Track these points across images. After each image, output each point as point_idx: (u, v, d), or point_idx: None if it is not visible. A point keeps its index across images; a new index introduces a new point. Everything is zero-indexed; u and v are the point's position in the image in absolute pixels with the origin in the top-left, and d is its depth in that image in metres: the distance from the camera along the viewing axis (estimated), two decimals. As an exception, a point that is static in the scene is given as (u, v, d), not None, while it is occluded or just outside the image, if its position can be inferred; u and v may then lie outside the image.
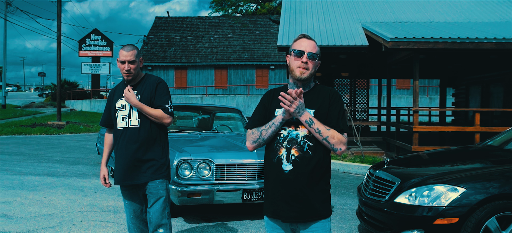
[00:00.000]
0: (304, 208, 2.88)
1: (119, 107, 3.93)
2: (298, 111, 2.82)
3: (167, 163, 3.97)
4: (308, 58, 2.90)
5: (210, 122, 8.78)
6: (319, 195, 2.92)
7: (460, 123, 16.76)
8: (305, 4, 16.55)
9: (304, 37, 2.97)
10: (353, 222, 6.31)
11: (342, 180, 9.77)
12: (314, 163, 2.87)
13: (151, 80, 3.94)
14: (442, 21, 14.88)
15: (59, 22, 24.75)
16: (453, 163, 5.63)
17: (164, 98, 3.89)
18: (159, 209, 3.82)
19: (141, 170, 3.83)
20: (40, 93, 74.26)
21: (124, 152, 3.85)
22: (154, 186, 3.84)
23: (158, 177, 3.85)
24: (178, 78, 40.30)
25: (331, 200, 3.07)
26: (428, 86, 35.87)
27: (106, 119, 4.08)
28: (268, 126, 2.91)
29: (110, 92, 4.14)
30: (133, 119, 3.86)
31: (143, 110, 3.81)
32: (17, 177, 9.25)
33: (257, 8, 44.97)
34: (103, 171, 4.09)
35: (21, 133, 19.66)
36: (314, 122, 2.82)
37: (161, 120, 3.85)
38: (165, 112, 3.85)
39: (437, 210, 4.45)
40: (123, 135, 3.87)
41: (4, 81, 42.38)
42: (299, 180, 2.85)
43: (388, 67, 14.93)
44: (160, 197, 3.83)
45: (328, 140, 2.83)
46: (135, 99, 3.82)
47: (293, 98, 2.80)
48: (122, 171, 3.87)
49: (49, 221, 6.05)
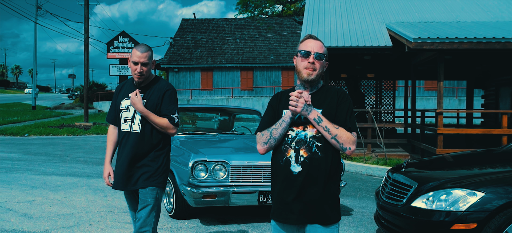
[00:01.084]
0: (312, 211, 2.81)
1: (123, 108, 3.82)
2: (305, 109, 2.77)
3: (163, 170, 3.83)
4: (315, 58, 2.85)
5: (230, 123, 8.75)
6: (328, 198, 2.85)
7: (489, 125, 16.33)
8: (329, 4, 16.40)
9: (311, 37, 2.94)
10: (372, 226, 6.19)
11: (364, 182, 9.62)
12: (324, 163, 2.80)
13: (160, 85, 3.80)
14: (468, 21, 14.54)
15: (86, 25, 25.14)
16: (474, 166, 5.45)
17: (170, 107, 3.76)
18: (144, 216, 3.70)
19: (135, 177, 3.74)
20: (70, 95, 75.70)
21: (122, 157, 3.78)
22: (144, 193, 3.72)
23: (149, 185, 3.72)
24: (204, 80, 40.52)
25: (351, 202, 3.00)
26: (458, 87, 35.15)
27: (113, 117, 3.95)
28: (278, 124, 2.85)
29: (117, 88, 4.01)
30: (135, 124, 3.75)
31: (148, 118, 3.69)
32: (40, 177, 9.40)
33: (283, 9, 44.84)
34: (108, 169, 3.96)
35: (49, 134, 20.04)
36: (322, 119, 2.77)
37: (166, 130, 3.75)
38: (171, 122, 3.73)
39: (455, 215, 4.30)
40: (124, 139, 3.78)
41: (34, 83, 43.31)
42: (308, 181, 2.79)
43: (413, 68, 14.66)
44: (147, 205, 3.71)
45: (337, 138, 2.77)
46: (142, 106, 3.68)
47: (297, 97, 2.77)
48: (118, 176, 3.80)
49: (67, 221, 6.11)
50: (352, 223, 6.32)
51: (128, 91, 3.83)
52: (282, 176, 2.86)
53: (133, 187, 3.76)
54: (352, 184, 9.27)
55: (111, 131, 3.99)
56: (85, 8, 25.27)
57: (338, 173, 2.92)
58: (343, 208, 7.08)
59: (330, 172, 2.83)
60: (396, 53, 13.31)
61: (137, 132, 3.73)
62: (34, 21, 40.21)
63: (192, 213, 6.41)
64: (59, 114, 34.73)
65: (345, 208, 7.09)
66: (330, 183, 2.85)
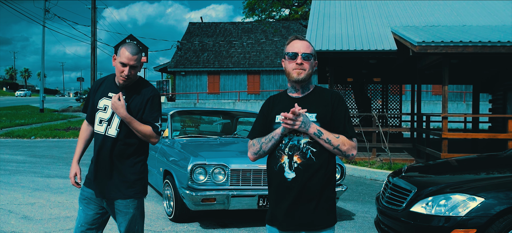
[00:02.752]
0: (307, 217, 2.77)
1: (100, 108, 3.47)
2: (304, 126, 2.71)
3: (142, 179, 3.52)
4: (303, 59, 2.82)
5: (233, 127, 8.73)
6: (323, 204, 2.80)
7: (497, 129, 16.16)
8: (334, 8, 16.35)
9: (296, 38, 2.90)
10: (373, 231, 6.13)
11: (368, 187, 9.55)
12: (319, 170, 2.76)
13: (144, 90, 3.46)
14: (475, 24, 14.44)
15: (93, 28, 25.28)
16: (475, 171, 5.38)
17: (154, 115, 3.44)
18: (131, 227, 3.46)
19: (114, 184, 3.42)
20: (78, 98, 76.05)
21: (97, 162, 3.46)
22: (125, 204, 3.43)
23: (130, 196, 3.43)
24: (211, 84, 40.58)
25: (353, 207, 2.96)
26: (465, 92, 34.96)
27: (89, 114, 3.59)
28: (268, 139, 2.82)
29: (95, 83, 3.63)
30: (112, 127, 3.41)
31: (131, 125, 3.36)
32: (44, 179, 9.42)
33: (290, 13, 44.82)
34: (75, 169, 3.60)
35: (55, 136, 20.11)
36: (322, 132, 2.72)
37: (148, 139, 3.43)
38: (154, 130, 3.42)
39: (454, 220, 4.24)
40: (98, 141, 3.45)
41: (42, 86, 43.55)
42: (302, 188, 2.75)
43: (419, 72, 14.57)
44: (130, 215, 3.45)
45: (340, 148, 2.74)
46: (125, 111, 3.33)
47: (296, 115, 2.70)
48: (97, 182, 3.47)
49: (67, 223, 6.11)
50: (353, 228, 6.27)
51: (108, 91, 3.48)
52: (276, 182, 2.83)
53: (110, 195, 3.44)
54: (356, 189, 9.20)
55: (84, 128, 3.66)
56: (92, 12, 25.41)
57: (333, 178, 2.88)
58: (345, 212, 7.04)
59: (326, 178, 2.79)
60: (402, 57, 13.24)
61: (112, 137, 3.41)
62: (42, 24, 40.46)
63: (192, 217, 6.38)
64: (66, 117, 34.83)
65: (347, 213, 7.04)
66: (326, 189, 2.81)
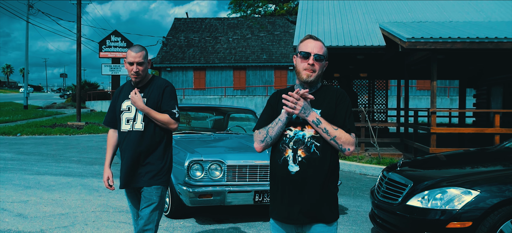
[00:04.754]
0: (311, 211, 2.82)
1: (124, 109, 3.86)
2: (303, 111, 2.76)
3: (167, 168, 3.89)
4: (315, 60, 2.84)
5: (224, 123, 8.75)
6: (326, 198, 2.85)
7: (481, 124, 16.46)
8: (322, 4, 16.44)
9: (311, 38, 2.91)
10: (367, 225, 6.22)
11: (358, 181, 9.66)
12: (322, 164, 2.80)
13: (159, 83, 3.86)
14: (461, 21, 14.65)
15: (78, 24, 25.04)
16: (468, 165, 5.50)
17: (171, 103, 3.81)
18: (148, 214, 3.74)
19: (140, 174, 3.77)
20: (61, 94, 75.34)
21: (126, 155, 3.79)
22: (149, 191, 3.76)
23: (154, 183, 3.77)
24: (196, 80, 40.45)
25: (345, 201, 3.01)
26: (449, 87, 35.35)
27: (111, 119, 4.00)
28: (275, 123, 2.85)
29: (115, 91, 4.04)
30: (137, 122, 3.79)
31: (150, 115, 3.74)
32: (34, 176, 9.36)
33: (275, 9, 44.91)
34: (107, 173, 3.97)
35: (41, 133, 19.92)
36: (321, 121, 2.77)
37: (167, 125, 3.79)
38: (172, 117, 3.78)
39: (450, 214, 4.34)
40: (127, 138, 3.80)
41: (26, 82, 43.05)
42: (306, 182, 2.79)
43: (407, 67, 14.74)
44: (152, 203, 3.75)
45: (336, 140, 2.77)
46: (142, 103, 3.73)
47: (296, 99, 2.75)
48: (125, 174, 3.81)
49: (63, 221, 6.09)
50: (347, 222, 6.35)
51: (128, 93, 3.87)
52: (280, 176, 2.86)
53: (137, 184, 3.79)
54: (346, 183, 9.30)
55: (111, 134, 4.03)
56: (77, 7, 25.16)
57: (336, 172, 2.93)
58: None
59: (329, 172, 2.84)
60: (390, 53, 13.38)
61: (139, 130, 3.77)
62: (26, 20, 39.97)
63: (188, 213, 6.41)
64: (51, 114, 34.53)
65: (340, 207, 7.11)
66: (329, 182, 2.86)
